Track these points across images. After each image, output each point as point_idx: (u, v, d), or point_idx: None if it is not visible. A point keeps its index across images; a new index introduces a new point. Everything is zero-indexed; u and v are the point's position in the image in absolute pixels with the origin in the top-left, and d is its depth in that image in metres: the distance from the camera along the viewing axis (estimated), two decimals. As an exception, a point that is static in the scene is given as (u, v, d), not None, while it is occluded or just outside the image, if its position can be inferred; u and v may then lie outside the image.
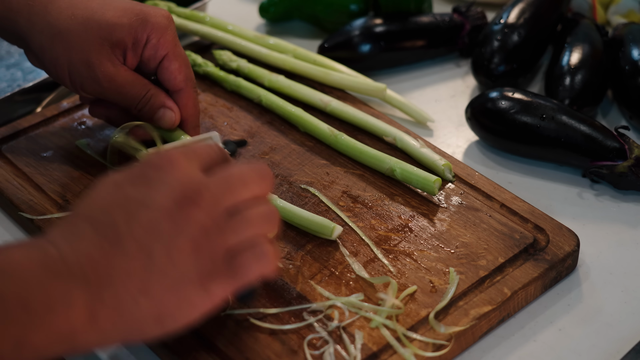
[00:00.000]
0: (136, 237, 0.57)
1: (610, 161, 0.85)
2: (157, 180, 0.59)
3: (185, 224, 0.58)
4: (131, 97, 0.83)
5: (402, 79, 1.04)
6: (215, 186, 0.60)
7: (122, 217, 0.57)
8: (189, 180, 0.59)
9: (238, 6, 1.19)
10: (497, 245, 0.77)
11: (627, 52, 0.95)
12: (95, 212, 0.58)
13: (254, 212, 0.61)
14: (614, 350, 0.71)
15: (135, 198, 0.58)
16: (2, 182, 0.85)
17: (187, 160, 0.61)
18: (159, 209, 0.58)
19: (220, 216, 0.59)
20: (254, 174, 0.62)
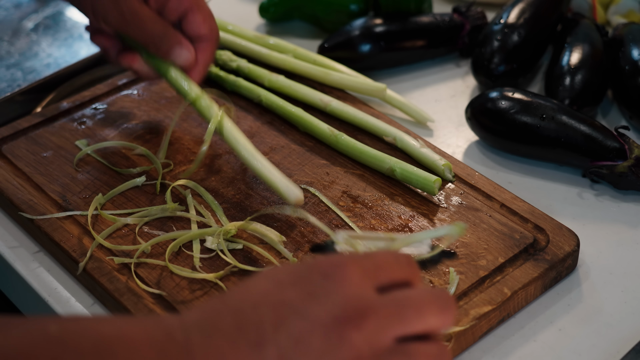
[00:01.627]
0: (280, 346, 0.51)
1: (610, 161, 0.85)
2: (322, 290, 0.53)
3: (340, 346, 0.51)
4: (151, 32, 0.84)
5: (402, 79, 1.04)
6: (384, 311, 0.53)
7: (271, 319, 0.52)
8: (356, 298, 0.52)
9: (238, 6, 1.19)
10: (497, 245, 0.77)
11: (627, 52, 0.95)
12: (245, 306, 0.53)
13: (422, 348, 0.53)
14: (614, 350, 0.71)
15: (291, 302, 0.52)
16: (2, 182, 0.85)
17: (362, 274, 0.54)
18: (314, 322, 0.51)
19: (381, 345, 0.52)
20: (434, 304, 0.54)
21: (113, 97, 0.96)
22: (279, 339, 0.51)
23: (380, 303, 0.53)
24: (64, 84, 1.00)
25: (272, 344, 0.51)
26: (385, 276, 0.55)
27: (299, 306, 0.52)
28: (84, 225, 0.80)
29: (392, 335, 0.52)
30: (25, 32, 1.09)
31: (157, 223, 0.80)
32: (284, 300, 0.53)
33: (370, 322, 0.52)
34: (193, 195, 0.82)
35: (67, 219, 0.80)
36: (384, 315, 0.52)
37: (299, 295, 0.53)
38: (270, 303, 0.53)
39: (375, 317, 0.52)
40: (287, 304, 0.52)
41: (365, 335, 0.52)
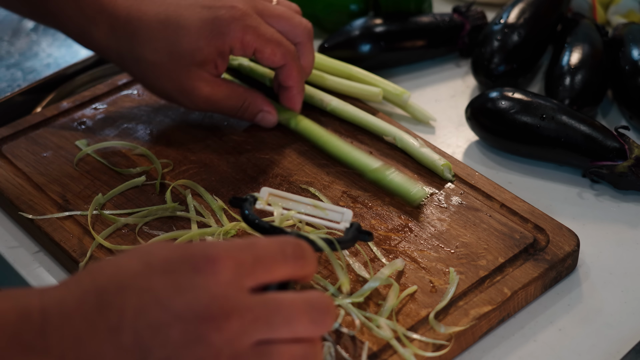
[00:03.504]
0: (138, 333, 0.51)
1: (610, 161, 0.85)
2: (189, 284, 0.52)
3: (197, 343, 0.51)
4: (229, 109, 0.87)
5: (402, 79, 1.04)
6: (250, 314, 0.52)
7: (133, 305, 0.51)
8: (222, 296, 0.52)
9: (238, 6, 1.19)
10: (497, 245, 0.77)
11: (627, 52, 0.95)
12: (110, 287, 0.52)
13: (285, 350, 0.52)
14: (614, 350, 0.71)
15: (156, 291, 0.52)
16: (2, 182, 0.85)
17: (235, 271, 0.53)
18: (175, 316, 0.51)
19: (241, 347, 0.51)
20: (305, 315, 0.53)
21: (113, 97, 0.96)
22: (138, 326, 0.51)
23: (247, 306, 0.52)
24: (64, 84, 1.00)
25: (130, 330, 0.51)
26: (262, 274, 0.54)
27: (163, 297, 0.52)
28: (84, 225, 0.80)
29: (255, 338, 0.52)
30: (25, 32, 1.09)
31: (157, 223, 0.80)
32: (149, 288, 0.52)
33: (233, 324, 0.51)
34: (193, 195, 0.82)
35: (67, 219, 0.80)
36: (249, 319, 0.52)
37: (165, 285, 0.52)
38: (135, 288, 0.52)
39: (238, 319, 0.51)
40: (152, 292, 0.52)
41: (225, 336, 0.51)
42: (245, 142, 0.90)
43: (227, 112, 0.87)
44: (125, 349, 0.51)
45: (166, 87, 0.84)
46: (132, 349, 0.51)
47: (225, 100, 0.86)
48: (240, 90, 0.87)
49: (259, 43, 0.83)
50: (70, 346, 0.51)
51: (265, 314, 0.52)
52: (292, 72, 0.87)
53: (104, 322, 0.51)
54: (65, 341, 0.51)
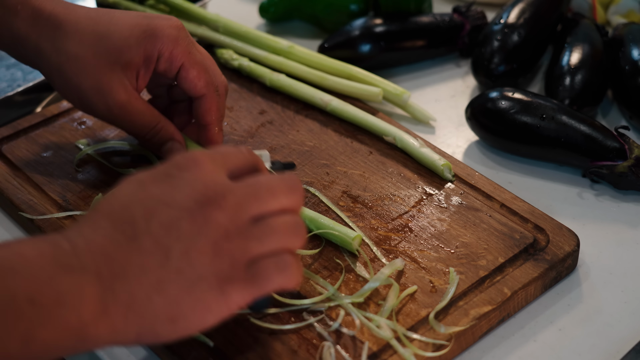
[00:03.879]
0: (154, 235, 0.56)
1: (610, 161, 0.85)
2: (180, 180, 0.59)
3: (206, 225, 0.57)
4: (140, 126, 0.81)
5: (402, 79, 1.04)
6: (240, 191, 0.59)
7: (141, 213, 0.57)
8: (213, 182, 0.59)
9: (238, 6, 1.19)
10: (497, 245, 0.77)
11: (627, 52, 0.95)
12: (115, 208, 0.58)
13: (279, 221, 0.59)
14: (614, 350, 0.71)
15: (156, 196, 0.58)
16: (2, 182, 0.85)
17: (214, 163, 0.60)
18: (180, 208, 0.57)
19: (243, 221, 0.58)
20: (283, 185, 0.61)
21: (113, 97, 0.96)
22: (152, 229, 0.57)
23: (235, 185, 0.59)
24: (64, 84, 1.00)
25: (147, 234, 0.57)
26: (233, 163, 0.61)
27: (164, 197, 0.58)
28: (84, 225, 0.80)
29: (251, 212, 0.59)
30: (25, 32, 1.09)
31: (157, 223, 0.80)
32: (149, 195, 0.58)
33: (229, 201, 0.58)
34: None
35: (67, 219, 0.80)
36: (241, 194, 0.59)
37: (161, 188, 0.58)
38: (137, 200, 0.58)
39: (232, 196, 0.58)
40: (153, 198, 0.58)
41: (227, 212, 0.58)
42: (245, 142, 0.90)
43: (137, 130, 0.82)
44: (148, 252, 0.56)
45: (83, 84, 0.79)
46: (154, 250, 0.56)
47: (139, 115, 0.80)
48: (156, 112, 0.82)
49: (187, 60, 0.80)
50: (101, 261, 0.56)
51: (252, 190, 0.59)
52: (212, 106, 0.82)
53: (121, 235, 0.57)
54: (96, 257, 0.56)
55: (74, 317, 0.54)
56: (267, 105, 0.95)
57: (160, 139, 0.82)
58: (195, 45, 0.82)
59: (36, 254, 0.55)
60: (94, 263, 0.55)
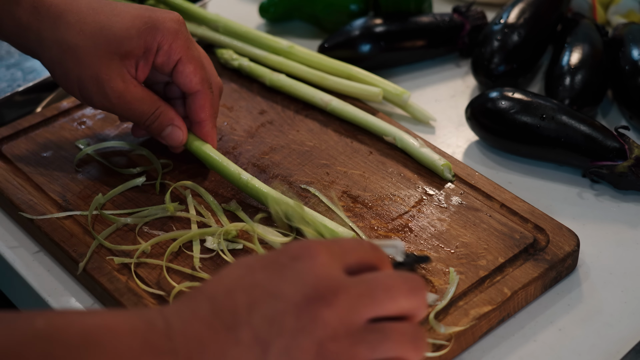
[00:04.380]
0: (255, 327, 0.53)
1: (610, 161, 0.85)
2: (291, 270, 0.54)
3: (312, 323, 0.52)
4: (140, 113, 0.81)
5: (402, 79, 1.04)
6: (355, 290, 0.54)
7: (244, 302, 0.53)
8: (326, 277, 0.54)
9: (238, 6, 1.19)
10: (497, 245, 0.77)
11: (627, 52, 0.95)
12: (219, 292, 0.54)
13: (396, 327, 0.54)
14: (614, 350, 0.71)
15: (263, 285, 0.54)
16: (2, 182, 0.85)
17: (330, 256, 0.55)
18: (286, 302, 0.53)
19: (354, 323, 0.53)
20: (403, 286, 0.55)
21: (113, 97, 0.96)
22: (253, 321, 0.53)
23: (350, 282, 0.54)
24: (64, 84, 1.00)
25: (246, 325, 0.53)
26: (352, 258, 0.56)
27: (271, 288, 0.54)
28: (84, 225, 0.80)
29: (365, 314, 0.54)
30: (25, 32, 1.09)
31: (157, 223, 0.80)
32: (256, 283, 0.54)
33: (342, 300, 0.53)
34: (193, 196, 0.82)
35: (67, 219, 0.80)
36: (355, 294, 0.53)
37: (270, 278, 0.54)
38: (242, 287, 0.54)
39: (346, 295, 0.53)
40: (259, 287, 0.54)
41: (338, 313, 0.53)
42: (245, 142, 0.90)
43: (137, 117, 0.82)
44: (245, 345, 0.52)
45: (82, 74, 0.79)
46: (252, 344, 0.52)
47: (138, 102, 0.81)
48: (155, 98, 0.82)
49: (185, 55, 0.81)
50: (195, 348, 0.53)
51: (368, 288, 0.54)
52: (206, 103, 0.82)
53: (220, 323, 0.53)
54: (190, 343, 0.53)
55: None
56: (267, 105, 0.95)
57: (160, 124, 0.82)
58: (194, 42, 0.83)
59: (127, 330, 0.53)
60: (187, 349, 0.52)
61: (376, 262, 0.57)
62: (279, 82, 0.96)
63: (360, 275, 0.55)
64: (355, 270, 0.56)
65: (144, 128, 0.83)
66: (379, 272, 0.57)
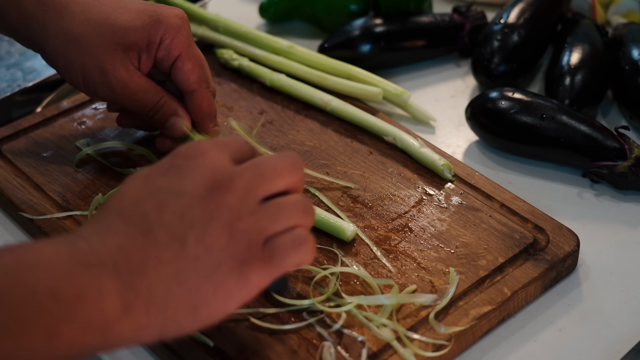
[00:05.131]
0: (168, 226, 0.57)
1: (610, 161, 0.85)
2: (188, 169, 0.59)
3: (218, 210, 0.57)
4: (144, 103, 0.82)
5: (402, 79, 1.04)
6: (247, 173, 0.59)
7: (152, 206, 0.57)
8: (220, 167, 0.59)
9: (238, 6, 1.19)
10: (497, 245, 0.77)
11: (627, 52, 0.95)
12: (125, 205, 0.58)
13: (288, 200, 0.60)
14: (614, 350, 0.71)
15: (165, 187, 0.58)
16: (2, 182, 0.85)
17: (218, 150, 0.60)
18: (190, 196, 0.58)
19: (254, 202, 0.59)
20: (286, 163, 0.61)
21: (113, 97, 0.96)
22: (165, 221, 0.57)
23: (241, 168, 0.60)
24: (64, 84, 1.00)
25: (160, 226, 0.57)
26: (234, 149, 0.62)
27: (173, 187, 0.58)
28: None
29: (260, 193, 0.60)
30: (25, 32, 1.09)
31: (157, 223, 0.80)
32: (158, 187, 0.58)
33: (238, 183, 0.59)
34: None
35: (67, 219, 0.80)
36: (248, 176, 0.59)
37: (169, 179, 0.59)
38: (146, 194, 0.58)
39: (240, 179, 0.59)
40: (162, 189, 0.58)
41: (237, 194, 0.58)
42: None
43: (141, 107, 0.82)
44: (163, 244, 0.56)
45: (86, 64, 0.79)
46: (169, 241, 0.56)
47: (141, 92, 0.81)
48: (159, 88, 0.83)
49: (185, 52, 0.81)
50: (118, 256, 0.56)
51: (257, 170, 0.60)
52: (203, 102, 0.83)
53: (135, 230, 0.57)
54: (113, 254, 0.56)
55: (97, 313, 0.54)
56: (267, 105, 0.95)
57: (163, 114, 0.83)
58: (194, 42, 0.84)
59: (54, 251, 0.55)
60: (112, 259, 0.55)
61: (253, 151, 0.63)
62: (279, 82, 0.96)
63: (246, 162, 0.61)
64: (239, 159, 0.61)
65: (148, 119, 0.84)
66: (260, 157, 0.62)
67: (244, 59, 0.99)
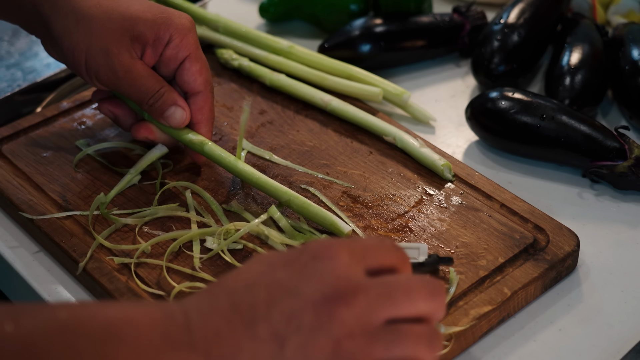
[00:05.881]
0: (272, 323, 0.53)
1: (610, 161, 0.85)
2: (312, 270, 0.55)
3: (330, 322, 0.53)
4: (145, 90, 0.82)
5: (402, 79, 1.04)
6: (374, 291, 0.54)
7: (264, 298, 0.54)
8: (346, 277, 0.54)
9: (238, 6, 1.19)
10: (497, 245, 0.77)
11: (627, 52, 0.95)
12: (238, 287, 0.55)
13: (413, 329, 0.55)
14: (614, 350, 0.71)
15: (283, 283, 0.55)
16: (2, 182, 0.85)
17: (351, 256, 0.56)
18: (305, 300, 0.54)
19: (371, 323, 0.54)
20: (423, 289, 0.56)
21: (113, 97, 0.96)
22: (271, 317, 0.53)
23: (370, 283, 0.55)
24: (64, 84, 1.00)
25: (264, 321, 0.53)
26: (373, 259, 0.57)
27: (290, 285, 0.54)
28: (84, 225, 0.80)
29: (383, 315, 0.54)
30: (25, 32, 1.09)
31: (157, 223, 0.80)
32: (276, 280, 0.55)
33: (360, 300, 0.54)
34: (193, 195, 0.82)
35: (67, 219, 0.80)
36: (374, 295, 0.54)
37: (290, 275, 0.55)
38: (262, 283, 0.55)
39: (364, 296, 0.54)
40: (279, 284, 0.55)
41: (355, 312, 0.53)
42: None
43: (141, 94, 0.82)
44: (262, 341, 0.53)
45: (92, 45, 0.79)
46: (269, 340, 0.53)
47: (144, 79, 0.81)
48: (160, 78, 0.82)
49: (194, 53, 0.82)
50: (213, 341, 0.53)
51: (387, 290, 0.55)
52: (206, 105, 0.84)
53: (239, 318, 0.54)
54: (208, 337, 0.54)
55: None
56: (267, 105, 0.95)
57: (163, 103, 0.82)
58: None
59: (147, 323, 0.53)
60: (205, 343, 0.53)
61: (397, 264, 0.58)
62: (279, 82, 0.96)
63: (380, 277, 0.56)
64: (376, 270, 0.56)
65: (147, 108, 0.83)
66: (399, 274, 0.57)
67: (244, 59, 0.99)
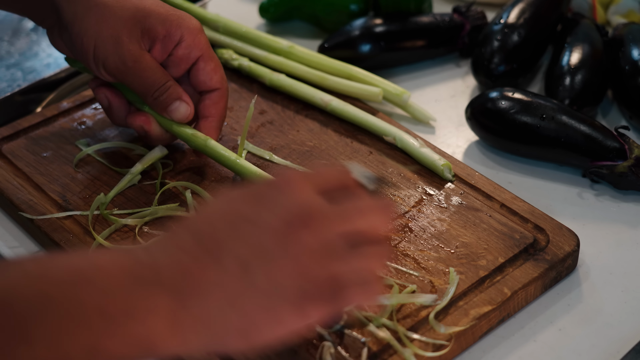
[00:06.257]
0: (237, 254, 0.56)
1: (610, 161, 0.85)
2: (271, 200, 0.57)
3: (292, 245, 0.56)
4: (151, 82, 0.82)
5: (402, 79, 1.04)
6: (330, 212, 0.58)
7: (227, 231, 0.56)
8: (304, 202, 0.57)
9: (238, 6, 1.19)
10: (497, 245, 0.77)
11: (627, 52, 0.95)
12: (201, 224, 0.58)
13: (369, 246, 0.59)
14: (614, 350, 0.71)
15: (244, 215, 0.57)
16: (2, 182, 0.85)
17: (307, 183, 0.59)
18: (267, 229, 0.56)
19: (330, 242, 0.57)
20: (374, 207, 0.60)
21: (113, 97, 0.96)
22: (235, 248, 0.56)
23: (326, 206, 0.58)
24: (64, 84, 1.00)
25: (229, 253, 0.56)
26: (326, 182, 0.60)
27: (251, 215, 0.57)
28: (84, 225, 0.80)
29: (339, 231, 0.57)
30: (25, 32, 1.09)
31: (157, 223, 0.80)
32: (236, 213, 0.57)
33: (318, 221, 0.57)
34: (193, 195, 0.82)
35: (67, 219, 0.80)
36: (330, 215, 0.58)
37: (250, 207, 0.57)
38: (224, 218, 0.57)
39: (321, 217, 0.57)
40: (240, 215, 0.57)
41: (314, 232, 0.56)
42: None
43: (147, 86, 0.82)
44: (229, 272, 0.55)
45: (102, 33, 0.79)
46: (236, 270, 0.55)
47: (151, 70, 0.81)
48: (167, 72, 0.83)
49: (207, 52, 0.83)
50: (181, 278, 0.55)
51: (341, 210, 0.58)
52: (221, 101, 0.85)
53: (204, 252, 0.56)
54: (176, 274, 0.55)
55: (143, 330, 0.54)
56: (267, 105, 0.95)
57: (168, 96, 0.82)
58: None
59: (113, 265, 0.55)
60: (172, 278, 0.55)
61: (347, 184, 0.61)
62: (279, 82, 0.96)
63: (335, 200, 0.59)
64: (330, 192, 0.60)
65: (151, 101, 0.83)
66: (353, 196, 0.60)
67: (244, 59, 0.99)
